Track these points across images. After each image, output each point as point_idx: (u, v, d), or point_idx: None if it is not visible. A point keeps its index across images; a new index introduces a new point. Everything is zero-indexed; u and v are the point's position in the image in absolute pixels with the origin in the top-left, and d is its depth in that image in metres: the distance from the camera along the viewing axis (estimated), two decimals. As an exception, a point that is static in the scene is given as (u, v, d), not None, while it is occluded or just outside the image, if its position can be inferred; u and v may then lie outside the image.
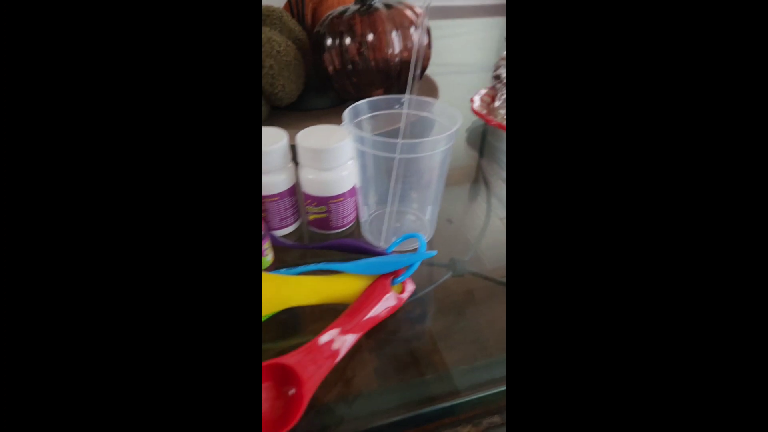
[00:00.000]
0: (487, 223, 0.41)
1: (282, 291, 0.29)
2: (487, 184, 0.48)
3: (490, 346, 0.29)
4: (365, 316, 0.29)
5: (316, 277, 0.31)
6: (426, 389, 0.27)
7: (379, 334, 0.30)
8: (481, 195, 0.46)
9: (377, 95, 0.58)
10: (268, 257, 0.34)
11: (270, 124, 0.57)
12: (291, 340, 0.29)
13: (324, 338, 0.27)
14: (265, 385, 0.25)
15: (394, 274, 0.32)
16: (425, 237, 0.38)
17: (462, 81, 0.75)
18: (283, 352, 0.26)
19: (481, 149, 0.55)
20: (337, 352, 0.27)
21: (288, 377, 0.25)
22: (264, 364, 0.25)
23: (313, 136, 0.35)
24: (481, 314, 0.31)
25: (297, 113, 0.61)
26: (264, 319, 0.29)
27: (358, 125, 0.36)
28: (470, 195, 0.45)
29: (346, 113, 0.34)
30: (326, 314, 0.30)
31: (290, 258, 0.37)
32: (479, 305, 0.32)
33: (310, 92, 0.61)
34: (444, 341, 0.30)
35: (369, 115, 0.37)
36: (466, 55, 0.91)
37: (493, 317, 0.31)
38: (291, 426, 0.24)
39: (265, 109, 0.56)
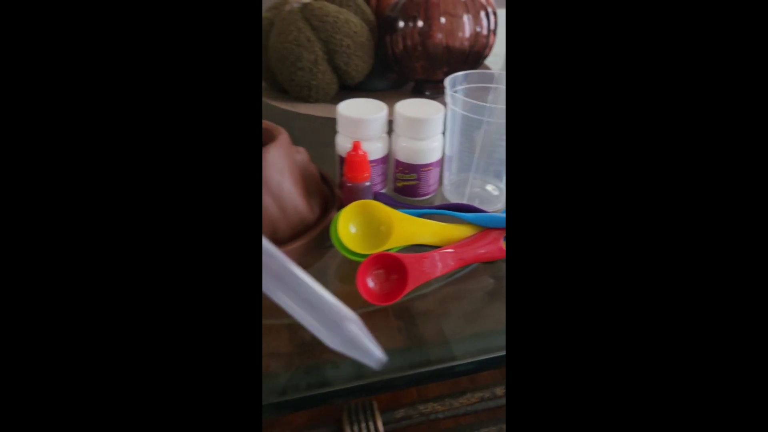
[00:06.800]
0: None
1: (410, 228, 0.34)
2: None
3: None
4: (470, 253, 0.34)
5: (439, 223, 0.35)
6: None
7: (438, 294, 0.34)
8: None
9: (439, 77, 0.61)
10: None
11: (336, 102, 0.60)
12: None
13: (433, 254, 0.33)
14: (377, 272, 0.32)
15: None
16: (501, 205, 0.42)
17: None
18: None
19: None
20: (436, 268, 0.33)
21: (399, 269, 0.32)
22: (384, 253, 0.32)
23: (411, 107, 0.38)
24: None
25: (359, 93, 0.63)
26: (395, 250, 0.34)
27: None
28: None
29: (447, 80, 0.37)
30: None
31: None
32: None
33: (371, 73, 0.64)
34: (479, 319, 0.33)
35: (465, 86, 0.40)
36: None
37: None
38: (391, 302, 0.31)
39: (334, 87, 0.59)
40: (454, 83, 0.39)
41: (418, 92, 0.64)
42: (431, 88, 0.63)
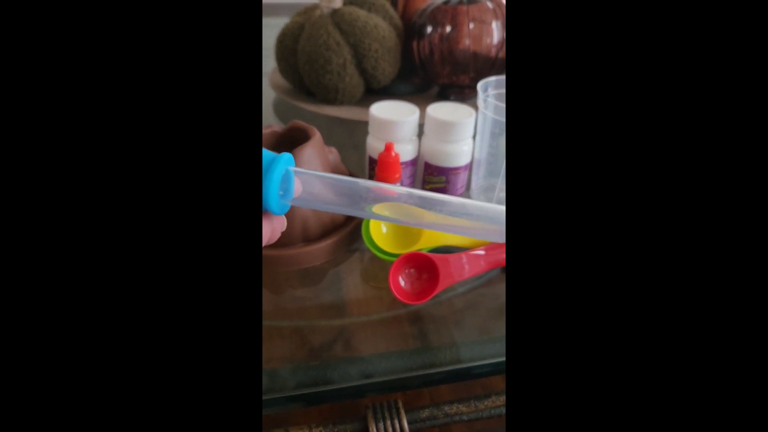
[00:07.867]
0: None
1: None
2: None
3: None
4: (500, 255, 0.34)
5: None
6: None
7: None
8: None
9: (464, 82, 0.61)
10: None
11: (361, 105, 0.61)
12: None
13: (463, 255, 0.33)
14: (409, 271, 0.33)
15: None
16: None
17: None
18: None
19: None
20: (465, 270, 0.33)
21: (430, 269, 0.33)
22: (416, 253, 0.33)
23: (442, 110, 0.39)
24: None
25: (383, 96, 0.64)
26: (425, 251, 0.34)
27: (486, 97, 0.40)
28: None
29: (479, 85, 0.38)
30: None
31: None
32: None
33: (396, 77, 0.65)
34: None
35: (497, 90, 0.40)
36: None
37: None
38: (421, 302, 0.32)
39: (361, 90, 0.59)
40: (486, 88, 0.39)
41: (442, 96, 0.65)
42: (456, 93, 0.63)
